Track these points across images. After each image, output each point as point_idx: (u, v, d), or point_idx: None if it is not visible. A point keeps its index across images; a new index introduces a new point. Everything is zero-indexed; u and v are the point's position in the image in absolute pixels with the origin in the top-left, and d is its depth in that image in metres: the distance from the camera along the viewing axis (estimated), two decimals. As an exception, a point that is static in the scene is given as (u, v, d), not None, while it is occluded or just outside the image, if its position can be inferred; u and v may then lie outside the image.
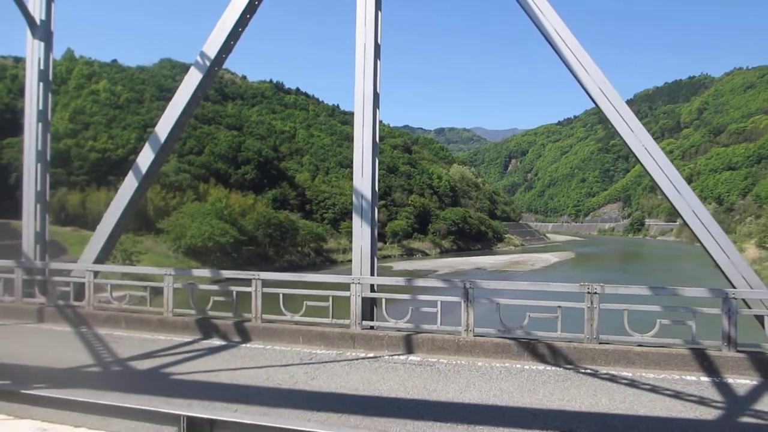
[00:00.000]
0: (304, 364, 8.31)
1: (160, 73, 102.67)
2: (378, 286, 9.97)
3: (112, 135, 67.68)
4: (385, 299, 9.70)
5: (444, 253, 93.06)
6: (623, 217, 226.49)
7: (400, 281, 10.46)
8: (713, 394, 6.86)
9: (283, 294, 10.16)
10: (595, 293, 8.38)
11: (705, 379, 7.53)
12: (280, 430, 2.79)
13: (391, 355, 8.77)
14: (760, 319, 8.29)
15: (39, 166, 12.12)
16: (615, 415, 6.07)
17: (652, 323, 8.33)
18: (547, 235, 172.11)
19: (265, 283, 10.17)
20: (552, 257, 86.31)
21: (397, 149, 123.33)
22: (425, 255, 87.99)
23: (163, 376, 7.74)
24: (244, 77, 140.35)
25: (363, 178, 9.92)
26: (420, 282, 10.29)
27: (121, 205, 11.52)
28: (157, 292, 11.17)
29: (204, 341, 9.85)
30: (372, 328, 9.60)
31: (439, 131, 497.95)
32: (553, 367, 8.06)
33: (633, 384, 7.26)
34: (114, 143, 66.36)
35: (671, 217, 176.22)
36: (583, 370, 7.91)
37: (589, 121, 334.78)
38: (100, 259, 11.69)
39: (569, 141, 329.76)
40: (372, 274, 9.87)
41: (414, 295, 9.79)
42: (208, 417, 2.18)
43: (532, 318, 8.72)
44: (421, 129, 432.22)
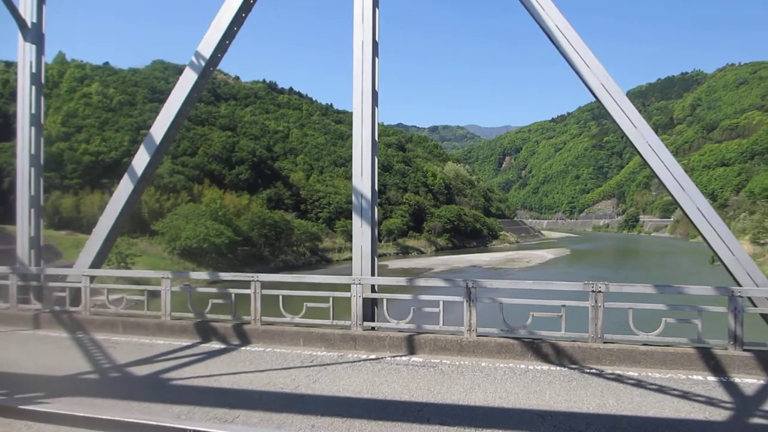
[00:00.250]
0: (306, 366, 8.18)
1: (152, 75, 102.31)
2: (379, 286, 9.85)
3: (105, 138, 67.23)
4: (386, 299, 9.57)
5: (439, 251, 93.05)
6: (618, 214, 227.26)
7: (401, 281, 10.33)
8: (721, 395, 6.76)
9: (283, 295, 10.02)
10: (600, 292, 8.27)
11: (712, 378, 7.44)
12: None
13: (393, 357, 8.65)
14: (766, 317, 8.21)
15: (32, 170, 11.93)
16: (623, 417, 5.97)
17: (657, 322, 8.24)
18: (542, 232, 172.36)
19: (264, 284, 10.03)
20: (547, 254, 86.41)
21: (391, 147, 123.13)
22: (420, 253, 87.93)
23: (162, 382, 7.59)
24: (237, 77, 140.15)
25: (362, 177, 9.79)
26: (421, 282, 10.18)
27: (116, 208, 11.34)
28: (154, 296, 11.03)
29: (203, 345, 9.70)
30: (373, 329, 9.49)
31: (433, 129, 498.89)
32: (558, 367, 7.96)
33: (639, 384, 7.17)
34: (107, 146, 65.93)
35: (665, 214, 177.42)
36: (588, 370, 7.81)
37: (583, 117, 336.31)
38: (96, 263, 11.52)
39: (563, 138, 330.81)
40: (373, 274, 9.75)
41: (415, 294, 9.67)
42: (215, 431, 2.06)
43: (535, 317, 8.61)
44: (415, 127, 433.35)
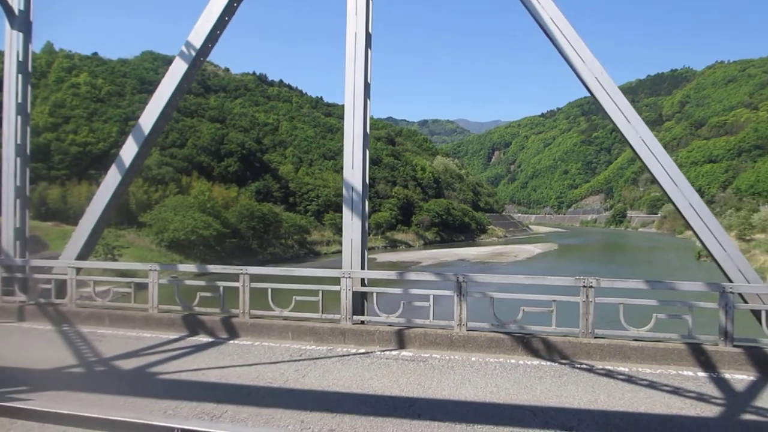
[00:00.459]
0: (294, 360, 8.10)
1: (141, 66, 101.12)
2: (369, 279, 9.78)
3: (93, 128, 66.43)
4: (376, 293, 9.51)
5: (427, 244, 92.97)
6: (605, 209, 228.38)
7: (391, 275, 10.27)
8: (712, 391, 6.76)
9: (272, 289, 9.92)
10: (591, 287, 8.25)
11: (702, 374, 7.45)
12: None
13: (383, 351, 8.59)
14: (756, 314, 8.21)
15: (18, 160, 11.71)
16: (615, 413, 5.94)
17: (648, 317, 8.23)
18: (530, 226, 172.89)
19: (253, 277, 9.94)
20: (535, 248, 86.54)
21: (380, 141, 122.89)
22: (409, 246, 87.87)
23: (149, 376, 7.49)
24: (227, 69, 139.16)
25: (353, 169, 9.69)
26: (412, 276, 10.09)
27: (103, 200, 11.17)
28: (141, 288, 10.89)
29: (191, 338, 9.60)
30: (363, 323, 9.42)
31: (423, 123, 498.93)
32: (548, 362, 7.94)
33: (630, 380, 7.15)
34: (95, 137, 65.18)
35: (653, 209, 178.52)
36: (578, 365, 7.79)
37: (572, 113, 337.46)
38: (83, 255, 11.35)
39: (552, 133, 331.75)
40: (362, 267, 9.66)
41: (406, 288, 9.62)
42: (204, 430, 1.97)
43: (526, 312, 8.58)
44: (405, 121, 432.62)
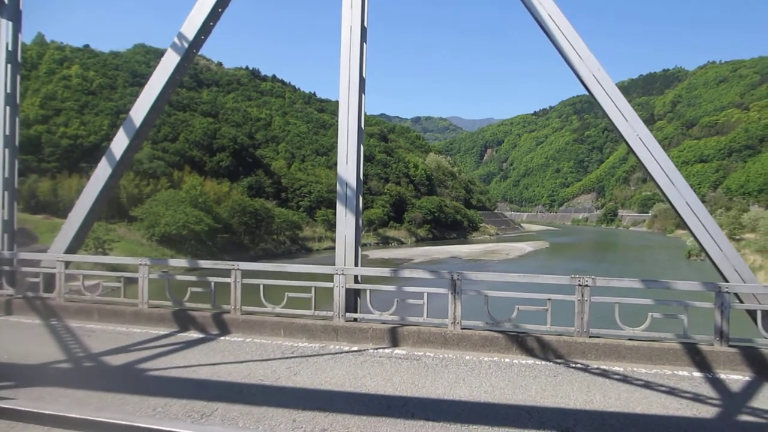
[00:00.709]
0: (286, 358, 8.00)
1: (133, 59, 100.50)
2: (362, 276, 9.67)
3: (85, 121, 65.94)
4: (370, 290, 9.40)
5: (419, 241, 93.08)
6: (597, 208, 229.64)
7: (385, 272, 10.16)
8: (708, 391, 6.70)
9: (264, 285, 9.80)
10: (586, 286, 8.19)
11: (697, 374, 7.39)
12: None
13: (376, 349, 8.49)
14: (752, 313, 8.17)
15: (7, 151, 11.52)
16: (611, 413, 5.87)
17: (644, 317, 8.17)
18: (521, 224, 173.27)
19: (245, 273, 9.80)
20: (527, 246, 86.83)
21: (373, 137, 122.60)
22: (401, 243, 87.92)
23: (138, 372, 7.36)
24: (220, 64, 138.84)
25: (347, 165, 9.57)
26: (406, 273, 9.99)
27: (93, 193, 11.01)
28: (131, 283, 10.75)
29: (181, 334, 9.46)
30: (356, 320, 9.30)
31: (416, 120, 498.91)
32: (543, 362, 7.86)
33: (626, 379, 7.09)
34: (86, 130, 64.68)
35: (644, 209, 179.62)
36: (573, 365, 7.72)
37: (565, 111, 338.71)
38: (72, 248, 11.20)
39: (544, 131, 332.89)
40: (356, 264, 9.54)
41: (399, 286, 9.51)
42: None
43: (521, 311, 8.50)
44: (398, 117, 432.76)
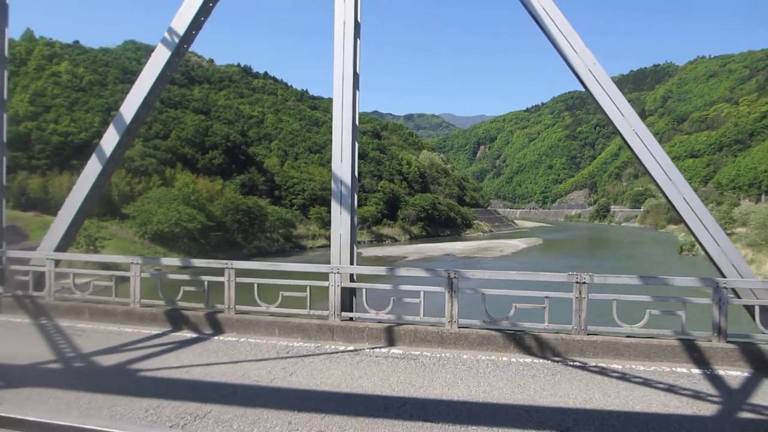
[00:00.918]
0: (281, 358, 7.89)
1: (124, 56, 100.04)
2: (358, 275, 9.56)
3: (75, 118, 65.43)
4: (366, 289, 9.29)
5: (413, 239, 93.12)
6: (589, 204, 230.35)
7: (381, 270, 10.03)
8: (707, 388, 6.65)
9: (258, 284, 9.68)
10: (584, 283, 8.12)
11: (696, 371, 7.34)
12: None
13: (372, 348, 8.40)
14: (750, 309, 8.13)
15: (-6, 147, 11.38)
16: (611, 412, 5.80)
17: (642, 313, 8.12)
18: (515, 221, 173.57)
19: (239, 272, 9.69)
20: (520, 243, 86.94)
21: (366, 135, 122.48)
22: (395, 241, 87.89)
23: (130, 373, 7.24)
24: (212, 61, 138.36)
25: (342, 162, 9.45)
26: (402, 271, 9.87)
27: (83, 190, 10.85)
28: (123, 281, 10.61)
29: (174, 333, 9.34)
30: (351, 319, 9.20)
31: (409, 117, 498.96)
32: (541, 360, 7.79)
33: (624, 377, 7.03)
34: (77, 126, 64.18)
35: (636, 204, 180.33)
36: (571, 363, 7.65)
37: (557, 108, 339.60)
38: (62, 246, 11.04)
39: (537, 128, 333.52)
40: (351, 263, 9.45)
41: (396, 284, 9.41)
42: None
43: (518, 309, 8.43)
44: (391, 115, 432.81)
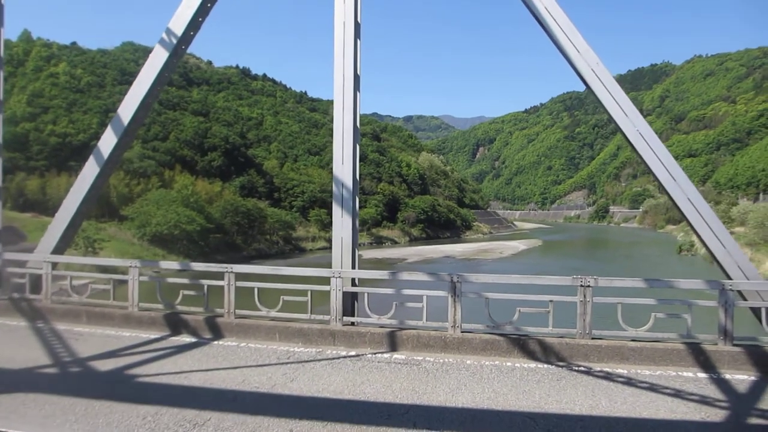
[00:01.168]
0: (282, 363, 7.77)
1: (122, 57, 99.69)
2: (359, 279, 9.45)
3: (73, 119, 65.22)
4: (368, 293, 9.16)
5: (413, 241, 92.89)
6: (588, 205, 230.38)
7: (383, 275, 9.91)
8: (714, 393, 6.56)
9: (258, 288, 9.55)
10: (589, 286, 8.00)
11: (702, 375, 7.25)
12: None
13: (374, 353, 8.28)
14: (756, 311, 8.03)
15: (-10, 148, 11.27)
16: (619, 419, 5.70)
17: (647, 317, 8.01)
18: (514, 222, 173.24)
19: (239, 276, 9.57)
20: (520, 245, 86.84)
21: (366, 137, 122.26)
22: (394, 243, 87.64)
23: (128, 379, 7.13)
24: (210, 62, 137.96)
25: (343, 165, 9.34)
26: (405, 275, 9.77)
27: (81, 192, 10.74)
28: (121, 284, 10.48)
29: (173, 338, 9.24)
30: (353, 324, 9.08)
31: (408, 119, 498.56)
32: (545, 365, 7.69)
33: (630, 382, 6.93)
34: (75, 128, 63.99)
35: (634, 205, 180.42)
36: (576, 368, 7.55)
37: (556, 108, 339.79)
38: (60, 248, 10.94)
39: (536, 129, 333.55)
40: (353, 267, 9.33)
41: (398, 289, 9.29)
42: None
43: (522, 313, 8.32)
44: (390, 116, 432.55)
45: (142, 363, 7.78)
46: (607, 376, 7.16)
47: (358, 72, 9.56)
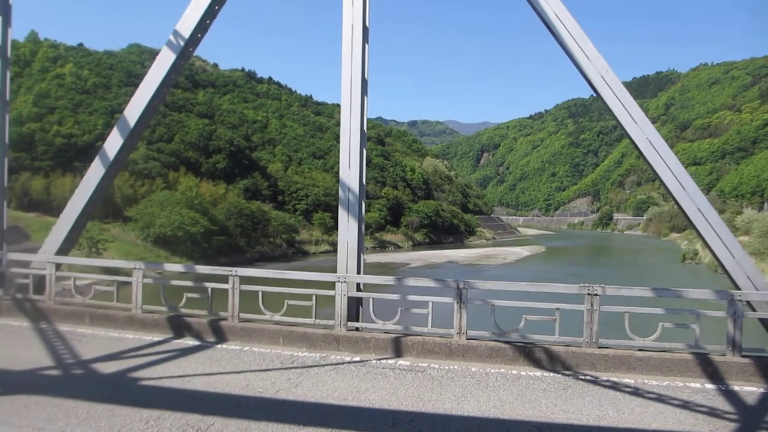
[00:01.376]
0: (286, 368, 7.72)
1: (128, 59, 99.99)
2: (364, 284, 9.39)
3: (79, 120, 65.38)
4: (373, 299, 9.12)
5: (416, 245, 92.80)
6: (592, 212, 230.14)
7: (389, 280, 9.86)
8: (723, 405, 6.47)
9: (263, 292, 9.50)
10: (596, 295, 7.93)
11: (710, 386, 7.16)
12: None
13: (379, 359, 8.22)
14: (765, 322, 7.96)
15: (-4, 148, 11.25)
16: (626, 430, 5.63)
17: (654, 326, 7.94)
18: (518, 228, 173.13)
19: (243, 279, 9.51)
20: (523, 251, 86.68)
21: (370, 141, 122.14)
22: (398, 248, 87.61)
23: (130, 382, 7.08)
24: (216, 65, 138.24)
25: (350, 169, 9.29)
26: (410, 281, 9.66)
27: (86, 193, 10.72)
28: (124, 285, 10.44)
29: (176, 341, 9.18)
30: (358, 329, 9.01)
31: (413, 124, 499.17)
32: (551, 374, 7.61)
33: (637, 393, 6.85)
34: (80, 129, 64.15)
35: (638, 212, 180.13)
36: (582, 377, 7.47)
37: (560, 115, 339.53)
38: (64, 249, 10.90)
39: (540, 135, 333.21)
40: (359, 272, 9.26)
41: (403, 294, 9.22)
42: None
43: (528, 320, 8.24)
44: (395, 121, 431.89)
45: (145, 366, 7.73)
46: (614, 386, 7.08)
47: (366, 76, 9.51)
